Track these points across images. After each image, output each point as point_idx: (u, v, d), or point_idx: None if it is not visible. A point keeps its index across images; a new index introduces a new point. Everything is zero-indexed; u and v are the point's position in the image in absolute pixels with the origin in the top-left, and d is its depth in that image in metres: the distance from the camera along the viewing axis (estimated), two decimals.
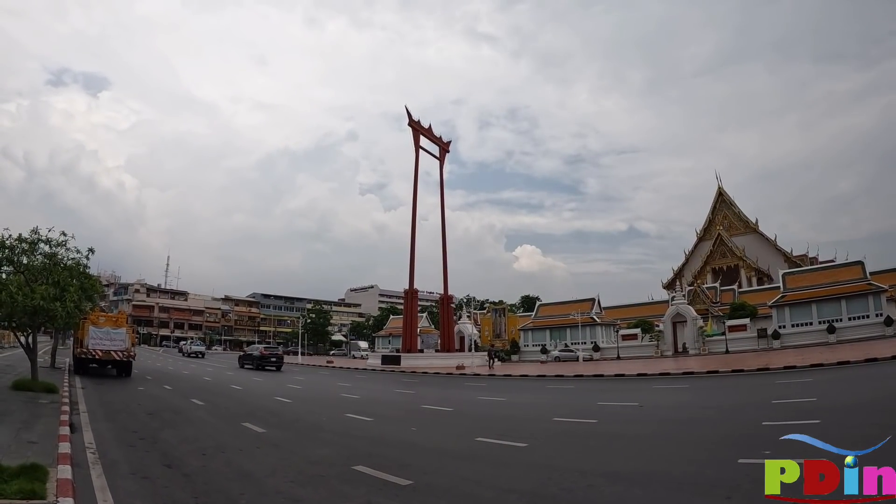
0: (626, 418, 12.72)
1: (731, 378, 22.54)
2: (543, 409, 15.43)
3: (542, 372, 33.28)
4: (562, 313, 60.23)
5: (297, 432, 11.28)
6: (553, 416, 12.94)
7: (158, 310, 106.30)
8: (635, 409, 14.49)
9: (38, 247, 15.98)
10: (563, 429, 11.25)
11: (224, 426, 11.86)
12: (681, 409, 14.36)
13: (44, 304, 14.49)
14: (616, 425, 11.53)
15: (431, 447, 9.61)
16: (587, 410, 14.18)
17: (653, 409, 14.39)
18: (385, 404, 17.81)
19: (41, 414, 11.22)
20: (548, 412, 14.32)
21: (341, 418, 13.69)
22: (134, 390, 19.72)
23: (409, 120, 53.53)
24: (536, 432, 10.77)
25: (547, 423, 12.25)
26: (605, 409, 14.46)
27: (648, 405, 15.09)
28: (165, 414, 13.37)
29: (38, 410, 11.68)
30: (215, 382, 25.75)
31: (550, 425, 11.88)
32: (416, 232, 52.27)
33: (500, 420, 13.24)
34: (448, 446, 9.63)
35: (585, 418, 12.33)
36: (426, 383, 27.52)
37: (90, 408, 13.60)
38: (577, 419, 12.37)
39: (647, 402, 15.67)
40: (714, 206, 78.34)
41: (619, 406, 14.90)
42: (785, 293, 46.56)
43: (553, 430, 11.22)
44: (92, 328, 23.73)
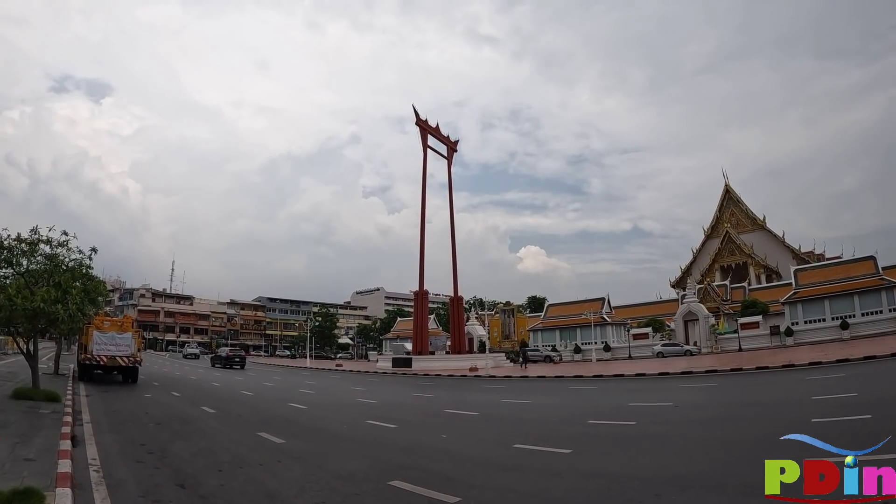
0: (665, 419, 12.13)
1: (758, 375, 21.88)
2: (574, 412, 14.87)
3: (558, 373, 32.30)
4: (571, 313, 60.08)
5: (319, 443, 10.42)
6: (588, 419, 12.32)
7: (164, 314, 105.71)
8: (671, 408, 13.89)
9: (38, 247, 15.13)
10: (603, 432, 10.71)
11: (239, 437, 10.96)
12: (719, 407, 13.85)
13: (44, 307, 13.60)
14: (658, 426, 10.96)
15: (469, 456, 8.83)
16: (621, 412, 13.59)
17: (690, 409, 13.84)
18: (405, 409, 16.91)
19: (41, 425, 10.34)
20: (580, 415, 13.80)
21: (363, 425, 12.83)
22: (141, 397, 18.84)
23: (417, 119, 52.77)
24: (576, 437, 10.23)
25: (583, 426, 11.66)
26: (639, 409, 13.81)
27: (683, 405, 14.51)
28: (175, 423, 12.45)
29: (38, 422, 10.80)
30: (225, 388, 24.88)
31: (588, 429, 11.28)
32: (425, 232, 51.56)
33: (533, 424, 12.60)
34: (487, 455, 8.87)
35: (622, 420, 11.71)
36: (442, 386, 26.59)
37: (94, 417, 12.70)
38: (613, 421, 11.74)
39: (680, 402, 15.07)
40: (721, 203, 77.67)
41: (653, 406, 14.27)
42: (797, 290, 46.14)
43: (592, 433, 10.67)
44: (96, 333, 22.86)
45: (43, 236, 15.18)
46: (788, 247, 70.82)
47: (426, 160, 53.62)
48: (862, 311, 40.84)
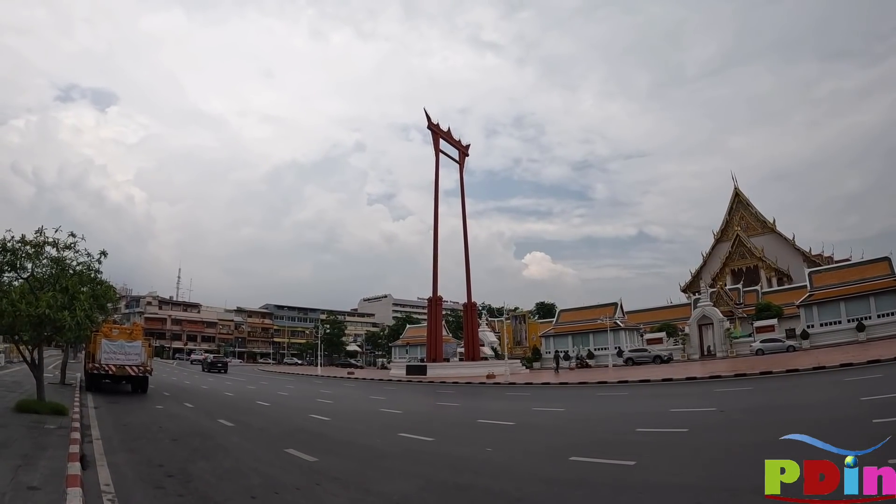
0: (716, 424, 11.56)
1: (790, 378, 21.10)
2: (616, 420, 14.19)
3: (582, 379, 31.04)
4: (583, 319, 58.88)
5: (354, 460, 9.33)
6: (635, 427, 11.59)
7: (171, 322, 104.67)
8: (717, 414, 13.10)
9: (43, 250, 14.12)
10: (657, 440, 10.06)
11: (265, 454, 9.83)
12: (768, 410, 13.21)
13: (50, 314, 12.55)
14: (712, 433, 10.38)
15: (526, 472, 8.05)
16: (666, 418, 12.97)
17: (738, 413, 13.02)
18: (435, 420, 15.78)
19: (47, 444, 9.27)
20: (623, 422, 13.23)
21: (397, 439, 11.77)
22: (152, 409, 17.76)
23: (429, 123, 51.83)
24: (632, 446, 9.50)
25: (633, 434, 10.96)
26: (683, 416, 13.19)
27: (728, 409, 13.67)
28: (193, 439, 11.34)
29: (43, 439, 9.73)
30: (239, 398, 23.81)
31: (639, 437, 10.62)
32: (438, 238, 50.55)
33: (578, 434, 11.90)
34: (545, 470, 8.13)
35: (672, 427, 11.08)
36: (464, 394, 25.43)
37: (105, 433, 11.58)
38: (663, 429, 11.09)
39: (723, 406, 14.13)
40: (731, 206, 76.66)
41: (698, 412, 13.61)
42: (812, 292, 45.00)
43: (647, 442, 9.98)
44: (105, 341, 21.83)
45: (49, 238, 14.18)
46: (799, 249, 69.80)
47: (438, 164, 52.53)
48: (878, 313, 39.74)
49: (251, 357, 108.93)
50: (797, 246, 70.13)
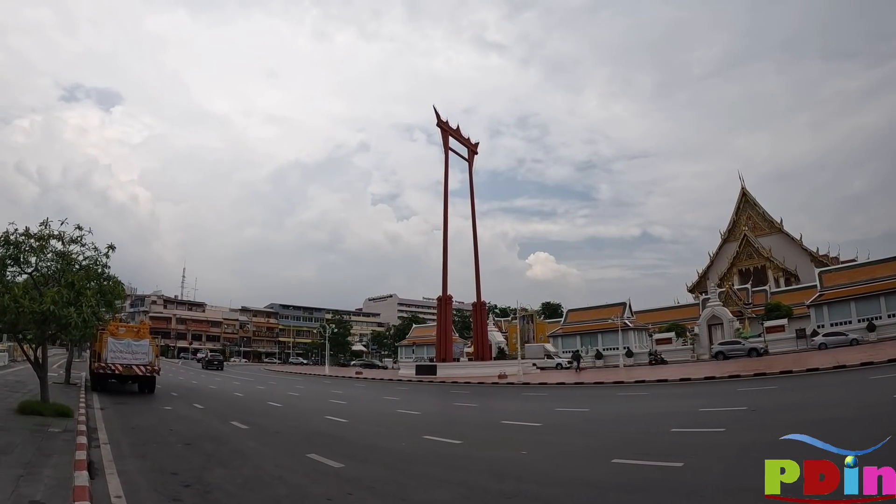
0: (754, 424, 11.02)
1: (811, 378, 20.58)
2: (647, 420, 13.61)
3: (598, 379, 30.23)
4: (591, 318, 58.78)
5: (382, 466, 8.63)
6: (669, 427, 11.04)
7: (175, 321, 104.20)
8: (749, 413, 12.58)
9: (48, 244, 13.45)
10: (698, 441, 9.65)
11: (287, 460, 9.11)
12: (801, 409, 12.83)
13: (55, 310, 11.86)
14: (752, 433, 9.79)
15: (571, 477, 7.52)
16: (697, 418, 12.61)
17: (771, 412, 12.61)
18: (457, 421, 15.03)
19: (51, 450, 8.56)
20: (655, 422, 12.69)
21: (422, 442, 11.10)
22: (161, 410, 17.05)
23: (438, 120, 51.20)
24: (674, 447, 9.08)
25: (668, 434, 10.45)
26: (714, 415, 12.77)
27: (760, 408, 13.22)
28: (207, 444, 10.60)
29: (47, 444, 9.03)
30: (249, 399, 23.10)
31: (677, 437, 10.15)
32: (447, 236, 49.88)
33: (611, 434, 11.38)
34: (590, 474, 7.64)
35: (707, 427, 10.64)
36: (480, 395, 24.67)
37: (112, 437, 10.87)
38: (698, 428, 10.68)
39: (753, 405, 13.61)
40: (738, 206, 75.74)
41: (729, 411, 13.05)
42: (822, 292, 44.66)
43: (687, 442, 9.56)
44: (111, 340, 21.14)
45: (54, 231, 13.51)
46: (806, 250, 68.93)
47: (448, 162, 52.06)
48: (889, 313, 39.43)
49: (256, 357, 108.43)
50: (804, 246, 69.29)
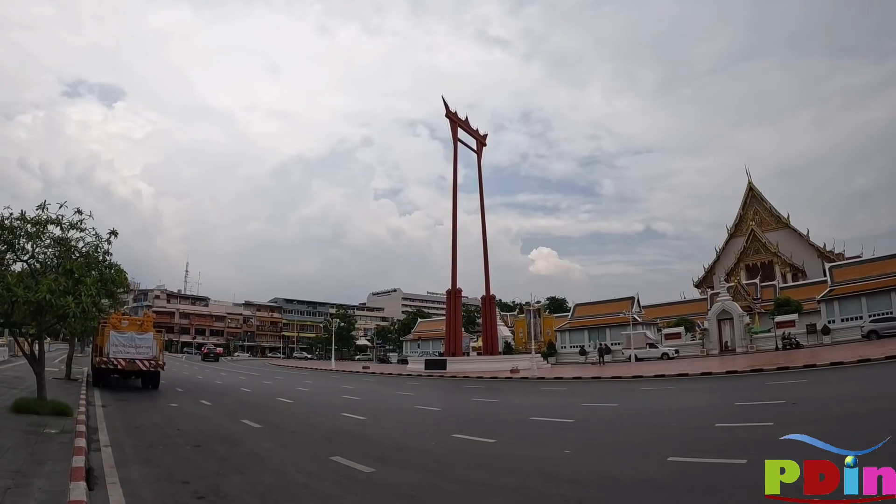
0: (798, 418, 10.51)
1: (836, 371, 19.87)
2: (683, 415, 12.79)
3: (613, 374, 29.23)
4: (599, 313, 58.13)
5: (419, 469, 7.72)
6: (713, 423, 10.42)
7: (179, 316, 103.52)
8: (790, 406, 12.02)
9: (46, 229, 12.48)
10: (750, 435, 8.91)
11: (310, 464, 8.10)
12: (846, 402, 12.29)
13: (52, 299, 10.91)
14: (803, 426, 8.88)
15: (635, 479, 6.73)
16: (737, 412, 12.07)
17: (813, 406, 12.13)
18: (483, 419, 13.97)
19: (45, 455, 7.60)
20: (693, 418, 12.04)
21: (452, 442, 10.15)
22: (166, 408, 16.10)
23: (447, 111, 50.11)
24: (728, 443, 8.52)
25: (713, 430, 9.78)
26: (752, 409, 12.14)
27: (799, 401, 12.71)
28: (219, 446, 9.60)
29: (41, 448, 8.06)
30: (257, 395, 22.16)
31: (725, 433, 9.43)
32: (456, 228, 48.85)
33: (653, 431, 10.56)
34: (652, 475, 6.88)
35: (752, 421, 9.96)
36: (497, 390, 23.67)
37: (114, 438, 9.91)
38: (744, 423, 9.98)
39: (792, 399, 13.02)
40: (744, 201, 74.86)
41: (770, 405, 12.31)
42: (832, 287, 43.94)
43: (740, 438, 8.83)
44: (113, 333, 20.20)
45: (52, 215, 12.55)
46: (813, 245, 68.21)
47: (456, 153, 51.13)
48: None
49: (260, 351, 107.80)
50: (811, 242, 68.62)
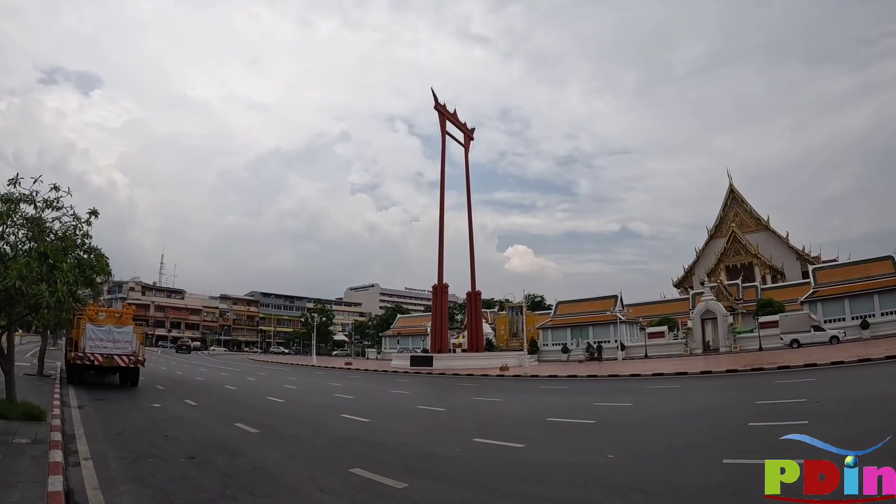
0: (834, 415, 10.46)
1: (839, 371, 19.82)
2: (708, 414, 12.29)
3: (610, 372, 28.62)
4: (582, 311, 57.74)
5: (457, 483, 6.81)
6: (746, 421, 10.06)
7: (154, 309, 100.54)
8: (815, 404, 11.87)
9: (18, 208, 11.13)
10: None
11: (329, 479, 6.92)
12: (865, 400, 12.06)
13: (23, 287, 9.60)
14: (844, 423, 9.16)
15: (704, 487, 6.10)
16: (763, 411, 11.58)
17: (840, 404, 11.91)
18: (495, 421, 12.90)
19: (16, 473, 6.38)
20: (722, 417, 11.66)
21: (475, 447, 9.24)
22: (149, 408, 14.77)
23: (435, 103, 49.42)
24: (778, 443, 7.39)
25: (750, 430, 9.36)
26: (781, 407, 11.71)
27: (823, 400, 12.62)
28: (217, 457, 8.38)
29: (11, 463, 6.84)
30: (244, 393, 20.86)
31: (766, 432, 8.72)
32: (444, 222, 48.42)
33: (689, 432, 9.97)
34: (718, 480, 6.23)
35: (786, 420, 9.50)
36: (495, 388, 22.72)
37: (95, 448, 8.62)
38: (778, 422, 9.34)
39: (815, 397, 12.92)
40: (725, 203, 76.23)
41: (794, 403, 12.02)
42: (816, 288, 44.80)
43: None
44: (90, 326, 18.73)
45: (25, 191, 11.20)
46: (792, 248, 69.64)
47: (445, 146, 50.83)
48: (882, 311, 39.75)
49: (236, 345, 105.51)
50: (790, 244, 69.98)
